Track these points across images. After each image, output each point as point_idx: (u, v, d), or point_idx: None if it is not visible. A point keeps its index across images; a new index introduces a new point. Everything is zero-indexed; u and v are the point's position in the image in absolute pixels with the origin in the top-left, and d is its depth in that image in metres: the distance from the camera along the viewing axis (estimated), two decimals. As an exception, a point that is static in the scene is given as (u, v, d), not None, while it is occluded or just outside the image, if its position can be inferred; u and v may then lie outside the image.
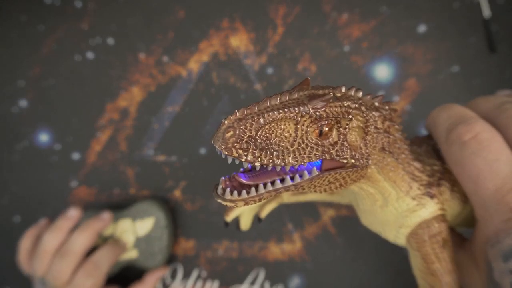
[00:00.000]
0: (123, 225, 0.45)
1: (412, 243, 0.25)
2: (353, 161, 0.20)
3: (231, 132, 0.17)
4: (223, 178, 0.20)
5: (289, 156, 0.18)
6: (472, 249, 0.24)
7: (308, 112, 0.19)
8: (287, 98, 0.19)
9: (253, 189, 0.19)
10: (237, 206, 0.19)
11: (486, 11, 0.41)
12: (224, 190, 0.19)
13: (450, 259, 0.24)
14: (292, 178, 0.20)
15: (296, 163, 0.19)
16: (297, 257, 0.46)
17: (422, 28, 0.43)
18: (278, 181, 0.19)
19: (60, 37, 0.47)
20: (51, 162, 0.48)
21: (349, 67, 0.44)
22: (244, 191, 0.19)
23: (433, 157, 0.25)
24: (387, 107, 0.22)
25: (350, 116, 0.20)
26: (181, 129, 0.47)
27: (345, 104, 0.20)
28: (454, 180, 0.25)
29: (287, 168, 0.19)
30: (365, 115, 0.20)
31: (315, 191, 0.21)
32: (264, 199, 0.19)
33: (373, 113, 0.21)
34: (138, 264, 0.45)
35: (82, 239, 0.41)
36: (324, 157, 0.19)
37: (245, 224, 0.33)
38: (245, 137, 0.18)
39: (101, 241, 0.44)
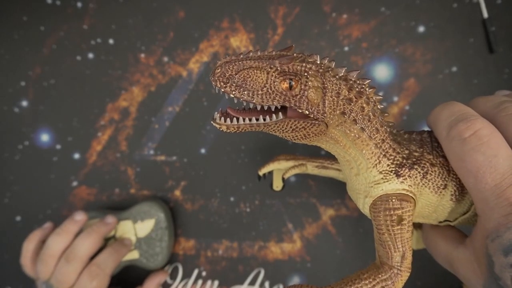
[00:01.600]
0: (124, 226, 0.45)
1: (371, 213, 0.27)
2: (307, 112, 0.24)
3: (219, 69, 0.24)
4: (220, 109, 0.26)
5: (258, 96, 0.24)
6: (473, 244, 0.24)
7: (275, 65, 0.24)
8: (265, 53, 0.25)
9: (235, 119, 0.25)
10: (221, 129, 0.25)
11: (485, 12, 0.41)
12: (219, 118, 0.25)
13: (402, 237, 0.26)
14: (265, 120, 0.25)
15: (262, 102, 0.24)
16: (297, 257, 0.46)
17: (421, 29, 0.43)
18: (254, 119, 0.24)
19: (60, 37, 0.47)
20: (51, 162, 0.48)
21: (349, 67, 0.44)
22: (228, 119, 0.25)
23: (417, 146, 0.27)
24: (359, 81, 0.25)
25: (306, 75, 0.24)
26: (181, 129, 0.47)
27: (307, 66, 0.24)
28: (429, 169, 0.26)
29: (258, 106, 0.24)
30: (322, 78, 0.24)
31: (285, 137, 0.26)
32: (241, 129, 0.25)
33: (340, 81, 0.24)
34: (139, 265, 0.45)
35: (87, 243, 0.41)
36: (285, 103, 0.24)
37: (277, 185, 0.37)
38: (227, 74, 0.24)
39: (103, 243, 0.44)
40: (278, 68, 0.24)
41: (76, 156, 0.48)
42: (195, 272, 0.47)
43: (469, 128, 0.23)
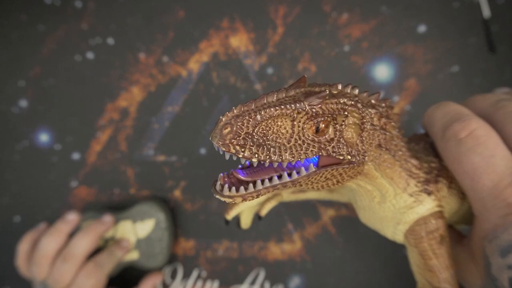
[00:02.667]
0: (124, 227, 0.45)
1: (410, 240, 0.25)
2: (349, 157, 0.20)
3: (229, 129, 0.18)
4: (221, 174, 0.20)
5: (286, 152, 0.18)
6: (470, 245, 0.24)
7: (304, 109, 0.19)
8: (284, 95, 0.19)
9: (251, 185, 0.19)
10: (235, 202, 0.19)
11: (486, 11, 0.41)
12: (222, 186, 0.19)
13: (447, 255, 0.24)
14: (290, 175, 0.20)
15: (293, 159, 0.19)
16: (297, 257, 0.46)
17: (422, 28, 0.43)
18: (275, 178, 0.19)
19: (60, 37, 0.47)
20: (51, 162, 0.48)
21: (349, 67, 0.44)
22: (242, 187, 0.19)
23: (430, 154, 0.26)
24: (383, 104, 0.22)
25: (346, 113, 0.20)
26: (181, 129, 0.47)
27: (341, 101, 0.20)
28: (451, 177, 0.25)
29: (284, 165, 0.19)
30: (361, 112, 0.20)
31: (313, 188, 0.21)
32: (261, 195, 0.19)
33: (369, 110, 0.21)
34: (139, 265, 0.45)
35: (84, 242, 0.41)
36: (320, 153, 0.19)
37: (246, 222, 0.33)
38: (242, 133, 0.18)
39: (102, 243, 0.44)
40: (309, 111, 0.19)
41: (76, 156, 0.48)
42: (195, 272, 0.47)
43: (464, 128, 0.22)
